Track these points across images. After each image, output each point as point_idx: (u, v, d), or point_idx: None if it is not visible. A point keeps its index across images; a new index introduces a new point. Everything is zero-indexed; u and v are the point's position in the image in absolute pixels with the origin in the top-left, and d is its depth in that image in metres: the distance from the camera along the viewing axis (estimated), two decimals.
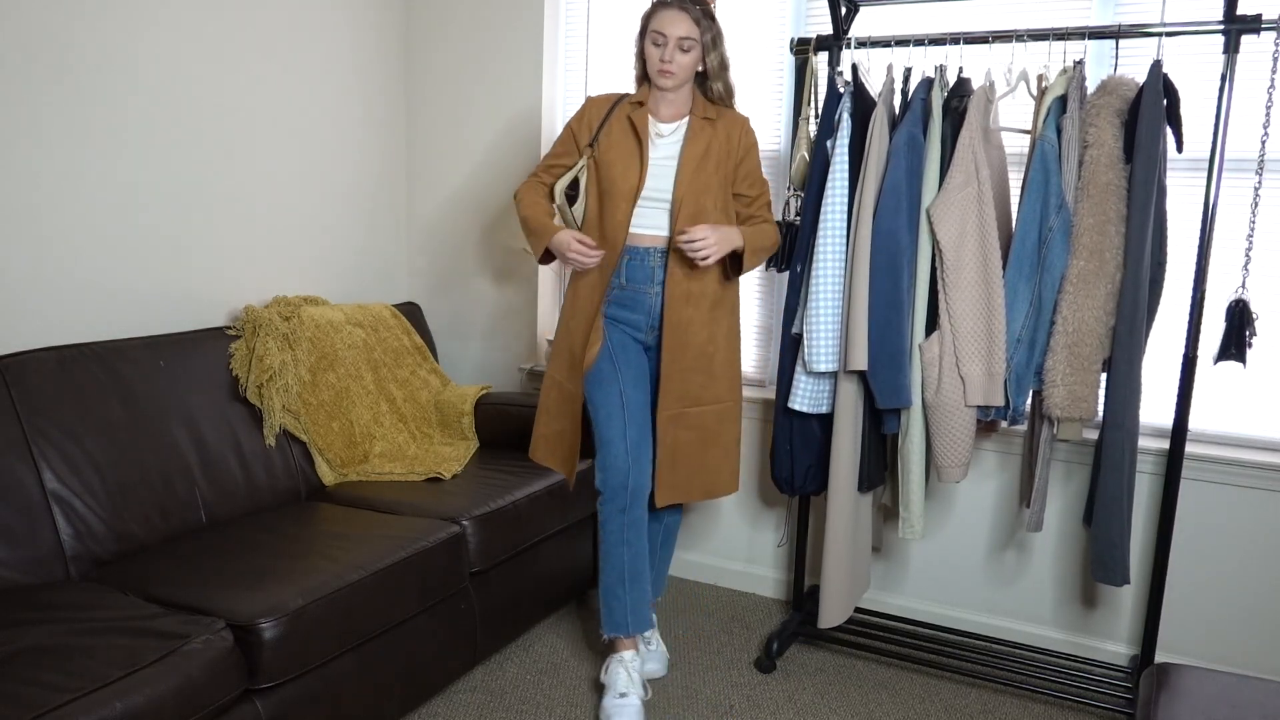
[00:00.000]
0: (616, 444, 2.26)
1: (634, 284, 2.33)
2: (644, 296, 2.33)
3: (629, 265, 2.32)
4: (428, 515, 2.45)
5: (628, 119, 2.32)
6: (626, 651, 2.37)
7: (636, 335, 2.37)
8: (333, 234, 3.19)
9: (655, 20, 2.26)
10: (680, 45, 2.24)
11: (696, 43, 2.25)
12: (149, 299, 2.58)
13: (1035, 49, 2.35)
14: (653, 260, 2.31)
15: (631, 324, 2.36)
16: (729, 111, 2.37)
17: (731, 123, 2.36)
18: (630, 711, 2.28)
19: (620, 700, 2.29)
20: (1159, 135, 2.12)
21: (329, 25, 3.08)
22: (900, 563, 2.93)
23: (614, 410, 2.28)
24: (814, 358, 2.38)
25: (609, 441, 2.28)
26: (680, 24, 2.23)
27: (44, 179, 2.30)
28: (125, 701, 1.56)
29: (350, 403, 2.80)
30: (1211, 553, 2.55)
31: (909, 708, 2.47)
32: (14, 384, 2.10)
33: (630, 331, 2.37)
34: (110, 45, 2.41)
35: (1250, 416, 2.56)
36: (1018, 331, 2.26)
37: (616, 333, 2.36)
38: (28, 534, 2.02)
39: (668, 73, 2.25)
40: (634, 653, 2.38)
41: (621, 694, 2.30)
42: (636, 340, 2.38)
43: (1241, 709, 1.58)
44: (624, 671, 2.34)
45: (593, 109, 2.39)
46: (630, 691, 2.31)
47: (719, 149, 2.32)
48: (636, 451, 2.28)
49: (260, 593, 1.93)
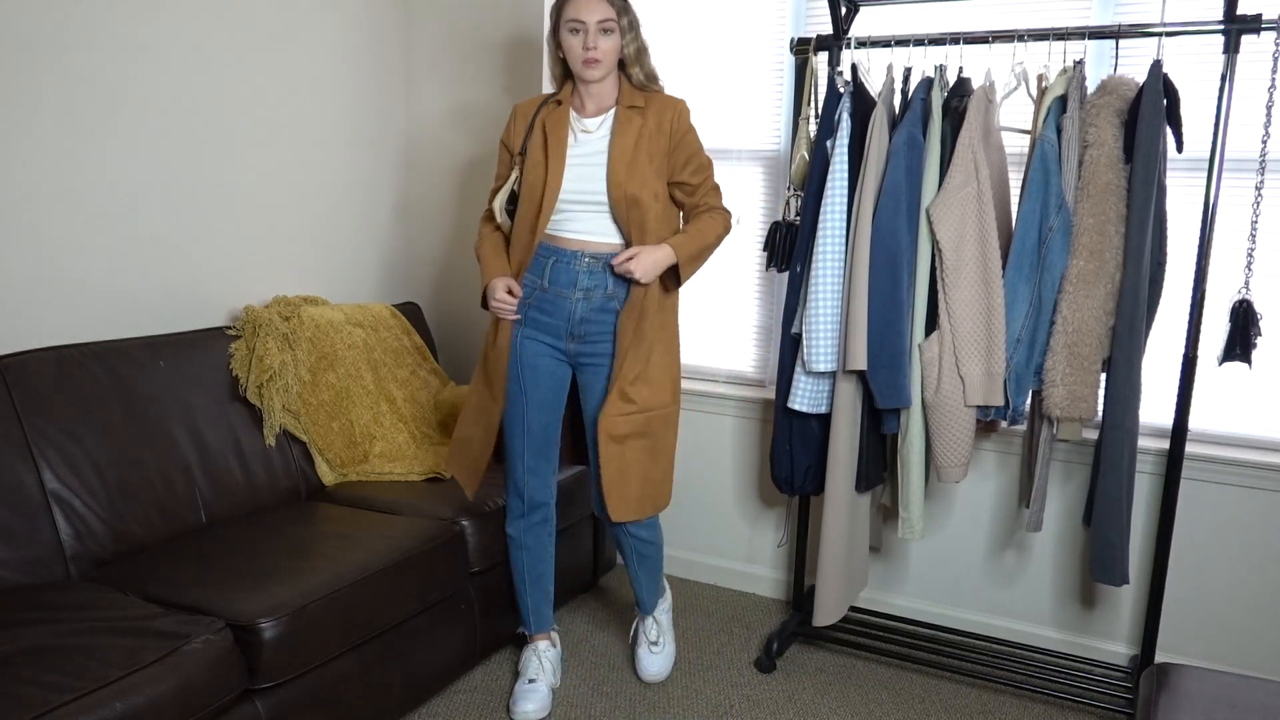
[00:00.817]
0: (516, 464, 2.36)
1: (555, 287, 2.23)
2: (564, 301, 2.23)
3: (554, 268, 2.22)
4: (428, 515, 2.45)
5: (542, 124, 2.22)
6: (540, 641, 2.49)
7: (554, 344, 2.27)
8: (333, 234, 3.19)
9: (569, 9, 2.15)
10: (602, 28, 2.13)
11: (615, 24, 2.15)
12: (149, 299, 2.58)
13: (1035, 49, 2.35)
14: (578, 265, 2.21)
15: (550, 330, 2.26)
16: (659, 96, 2.25)
17: (663, 106, 2.22)
18: (536, 696, 2.36)
19: (529, 685, 2.39)
20: (1159, 135, 2.12)
21: (329, 25, 3.08)
22: (900, 563, 2.93)
23: (516, 432, 2.34)
24: (813, 358, 2.38)
25: (510, 460, 2.38)
26: (596, 7, 2.12)
27: (44, 179, 2.30)
28: (125, 701, 1.56)
29: (350, 403, 2.80)
30: (1211, 553, 2.55)
31: (909, 708, 2.47)
32: (14, 384, 2.10)
33: (547, 341, 2.27)
34: (110, 45, 2.41)
35: (1250, 416, 2.56)
36: (1017, 331, 2.26)
37: (530, 347, 2.27)
38: (28, 534, 2.02)
39: (594, 61, 2.14)
40: (547, 643, 2.49)
41: (531, 680, 2.41)
42: (552, 350, 2.28)
43: (1241, 709, 1.58)
44: (535, 659, 2.45)
45: (518, 116, 2.30)
46: (539, 678, 2.41)
47: (650, 137, 2.19)
48: (534, 469, 2.36)
49: (260, 593, 1.93)
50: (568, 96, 2.26)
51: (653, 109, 2.22)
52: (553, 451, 2.39)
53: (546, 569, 2.46)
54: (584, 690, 2.50)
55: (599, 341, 2.26)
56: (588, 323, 2.25)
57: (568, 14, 2.16)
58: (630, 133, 2.18)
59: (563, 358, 2.30)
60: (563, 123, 2.21)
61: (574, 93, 2.26)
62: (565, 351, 2.29)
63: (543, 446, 2.35)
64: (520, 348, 2.28)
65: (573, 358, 2.30)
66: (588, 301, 2.23)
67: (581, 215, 2.21)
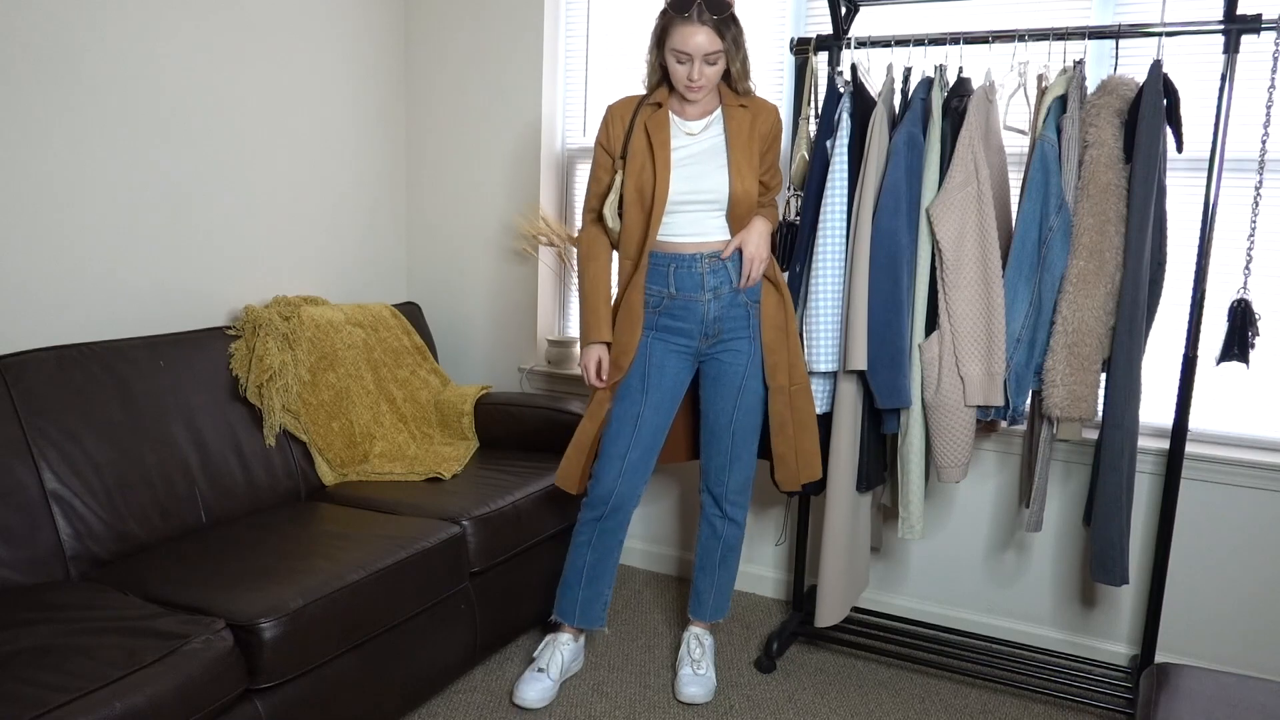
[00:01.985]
0: (614, 462, 2.33)
1: (684, 293, 2.27)
2: (695, 305, 2.28)
3: (676, 274, 2.27)
4: (428, 515, 2.45)
5: (644, 126, 2.24)
6: (565, 633, 2.49)
7: (687, 346, 2.32)
8: (333, 234, 3.19)
9: (675, 38, 2.13)
10: (708, 60, 2.14)
11: (721, 53, 2.15)
12: (149, 299, 2.58)
13: (1035, 49, 2.35)
14: (701, 267, 2.26)
15: (683, 334, 2.31)
16: (757, 99, 2.32)
17: (760, 108, 2.29)
18: (539, 687, 2.38)
19: (536, 674, 2.41)
20: (1159, 135, 2.12)
21: (330, 25, 3.08)
22: (900, 563, 2.93)
23: (625, 428, 2.32)
24: (814, 358, 2.38)
25: (608, 457, 2.34)
26: (703, 39, 2.11)
27: (44, 179, 2.30)
28: (125, 701, 1.56)
29: (350, 403, 2.80)
30: (1211, 553, 2.55)
31: (909, 708, 2.47)
32: (14, 384, 2.10)
33: (679, 344, 2.32)
34: (110, 46, 2.41)
35: (1250, 416, 2.56)
36: (1017, 331, 2.26)
37: (660, 348, 2.32)
38: (28, 534, 2.02)
39: (697, 89, 2.18)
40: (571, 636, 2.50)
41: (540, 668, 2.42)
42: (684, 353, 2.33)
43: (1241, 709, 1.58)
44: (551, 649, 2.46)
45: (615, 119, 2.31)
46: (549, 669, 2.42)
47: (756, 138, 2.27)
48: (631, 473, 2.34)
49: (260, 593, 1.93)
50: (665, 98, 2.28)
51: (752, 109, 2.29)
52: (653, 457, 2.37)
53: (607, 570, 2.44)
54: (584, 690, 2.50)
55: (733, 337, 2.33)
56: (721, 320, 2.31)
57: (673, 43, 2.14)
58: (743, 132, 2.26)
59: (691, 355, 2.35)
60: (665, 125, 2.23)
61: (671, 94, 2.28)
62: (697, 351, 2.34)
63: (649, 447, 2.34)
64: (649, 347, 2.32)
65: (704, 355, 2.36)
66: (718, 300, 2.29)
67: (693, 216, 2.26)
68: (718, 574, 2.52)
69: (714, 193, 2.24)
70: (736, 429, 2.37)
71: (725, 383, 2.35)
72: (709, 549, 2.50)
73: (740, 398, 2.34)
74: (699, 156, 2.26)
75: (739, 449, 2.40)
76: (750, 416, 2.37)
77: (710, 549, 2.50)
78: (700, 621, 2.57)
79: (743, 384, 2.34)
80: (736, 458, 2.40)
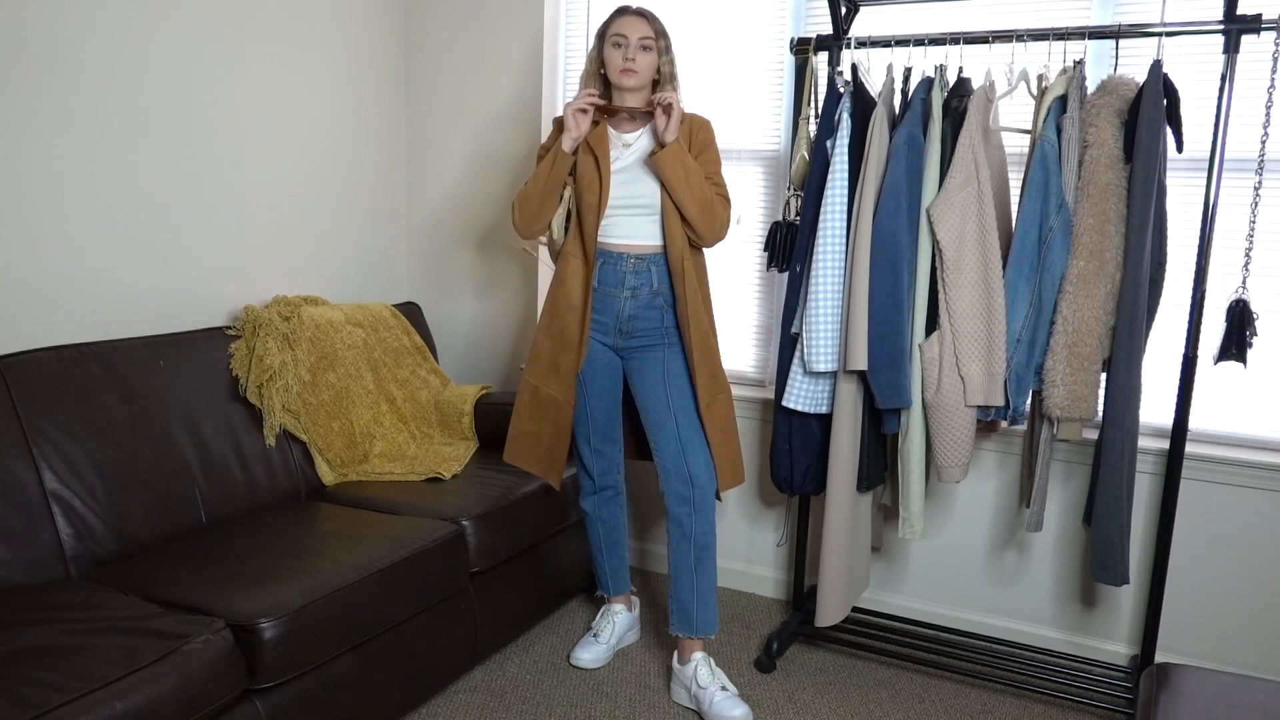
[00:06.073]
0: (582, 446, 2.58)
1: (604, 287, 2.39)
2: (613, 300, 2.39)
3: (602, 269, 2.39)
4: (428, 515, 2.45)
5: (587, 143, 2.36)
6: (616, 603, 2.74)
7: (605, 341, 2.44)
8: (333, 234, 3.19)
9: (615, 25, 2.35)
10: (642, 44, 2.32)
11: (654, 44, 2.33)
12: (149, 299, 2.58)
13: (1035, 49, 2.35)
14: (625, 266, 2.37)
15: (600, 328, 2.43)
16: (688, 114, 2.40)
17: (690, 122, 2.39)
18: (593, 649, 2.64)
19: (592, 638, 2.68)
20: (1159, 135, 2.12)
21: (329, 25, 3.08)
22: (900, 563, 2.93)
23: (580, 419, 2.54)
24: (814, 358, 2.38)
25: (578, 444, 2.59)
26: (640, 26, 2.33)
27: (43, 179, 2.30)
28: (125, 701, 1.56)
29: (350, 403, 2.80)
30: (1211, 553, 2.55)
31: (909, 708, 2.47)
32: (14, 384, 2.10)
33: (600, 338, 2.43)
34: (110, 45, 2.41)
35: (1250, 416, 2.56)
36: (1018, 331, 2.26)
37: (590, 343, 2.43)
38: (28, 534, 2.02)
39: (631, 70, 2.31)
40: (622, 605, 2.74)
41: (595, 634, 2.69)
42: (603, 346, 2.44)
43: (1241, 709, 1.58)
44: (606, 617, 2.72)
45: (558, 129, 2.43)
46: (603, 634, 2.68)
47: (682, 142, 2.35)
48: (600, 452, 2.57)
49: (260, 593, 1.93)
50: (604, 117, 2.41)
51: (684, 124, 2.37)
52: (615, 435, 2.59)
53: (620, 537, 2.71)
54: (584, 690, 2.50)
55: (645, 335, 2.41)
56: (635, 319, 2.40)
57: (612, 30, 2.37)
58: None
59: (611, 349, 2.46)
60: (604, 139, 2.36)
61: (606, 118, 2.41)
62: (614, 347, 2.45)
63: (606, 431, 2.56)
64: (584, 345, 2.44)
65: (620, 351, 2.46)
66: (635, 299, 2.38)
67: (627, 220, 2.37)
68: (695, 579, 2.42)
69: (647, 197, 2.34)
70: (677, 410, 2.38)
71: (649, 372, 2.42)
72: (681, 552, 2.41)
73: (668, 379, 2.40)
74: (632, 166, 2.36)
75: (686, 431, 2.37)
76: (685, 398, 2.39)
77: (683, 552, 2.40)
78: (693, 641, 2.45)
79: (665, 367, 2.41)
80: (689, 440, 2.37)
